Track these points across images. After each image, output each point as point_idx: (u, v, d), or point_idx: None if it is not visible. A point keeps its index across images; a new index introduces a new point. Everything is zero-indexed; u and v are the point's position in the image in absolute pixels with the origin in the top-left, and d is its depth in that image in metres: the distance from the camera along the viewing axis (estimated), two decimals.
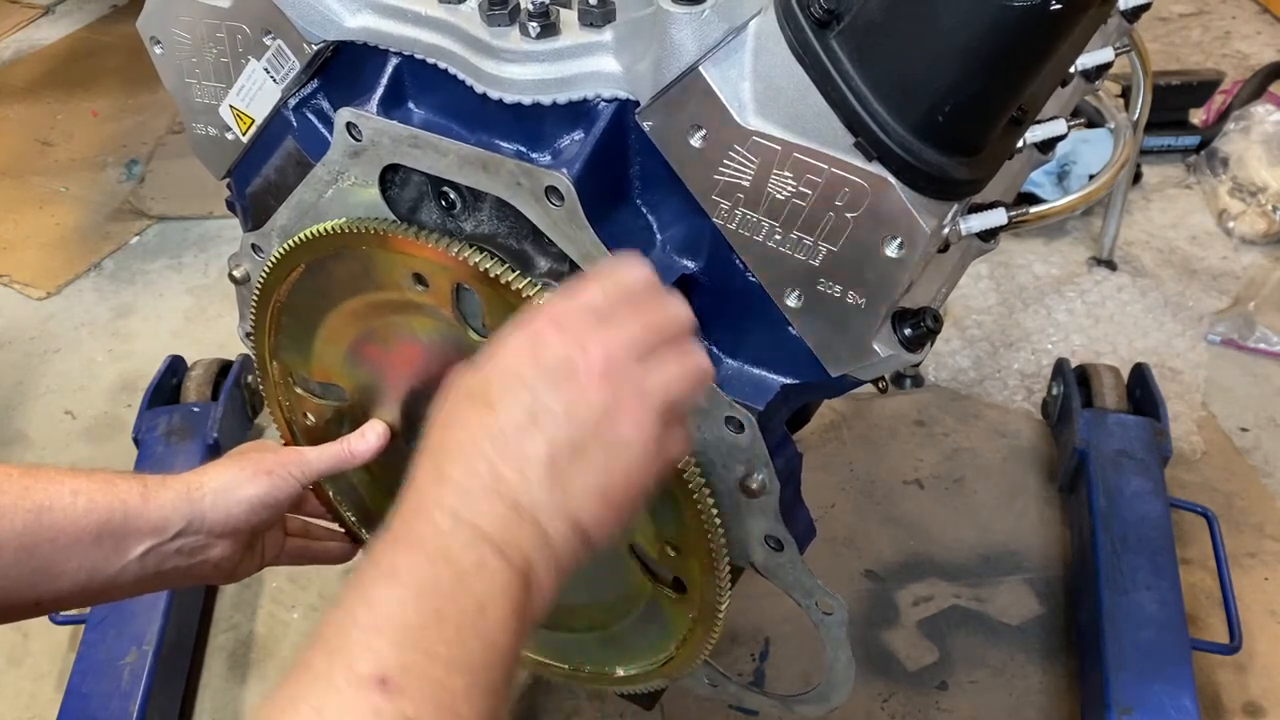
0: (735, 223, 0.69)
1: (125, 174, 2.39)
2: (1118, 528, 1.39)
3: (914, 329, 0.68)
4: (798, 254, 0.67)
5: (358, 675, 0.49)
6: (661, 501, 0.80)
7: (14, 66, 2.81)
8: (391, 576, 0.54)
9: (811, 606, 0.83)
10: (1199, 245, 2.03)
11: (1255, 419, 1.71)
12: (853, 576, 1.51)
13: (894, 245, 0.64)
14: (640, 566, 0.88)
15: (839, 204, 0.64)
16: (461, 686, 0.51)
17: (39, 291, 2.10)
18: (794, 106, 0.63)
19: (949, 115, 0.60)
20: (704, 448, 0.76)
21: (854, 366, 0.70)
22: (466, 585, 0.54)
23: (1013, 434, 1.71)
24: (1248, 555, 1.51)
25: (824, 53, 0.61)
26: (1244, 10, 2.71)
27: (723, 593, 0.83)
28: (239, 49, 0.81)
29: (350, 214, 0.79)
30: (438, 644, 0.52)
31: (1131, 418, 1.54)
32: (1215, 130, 2.15)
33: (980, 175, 0.65)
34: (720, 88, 0.64)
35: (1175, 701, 1.20)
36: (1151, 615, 1.29)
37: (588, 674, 1.03)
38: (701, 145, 0.67)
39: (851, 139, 0.62)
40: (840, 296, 0.67)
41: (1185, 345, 1.83)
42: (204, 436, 1.52)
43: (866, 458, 1.68)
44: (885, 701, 1.36)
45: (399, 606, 0.52)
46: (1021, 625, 1.45)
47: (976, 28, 0.57)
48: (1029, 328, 1.88)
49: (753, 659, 1.41)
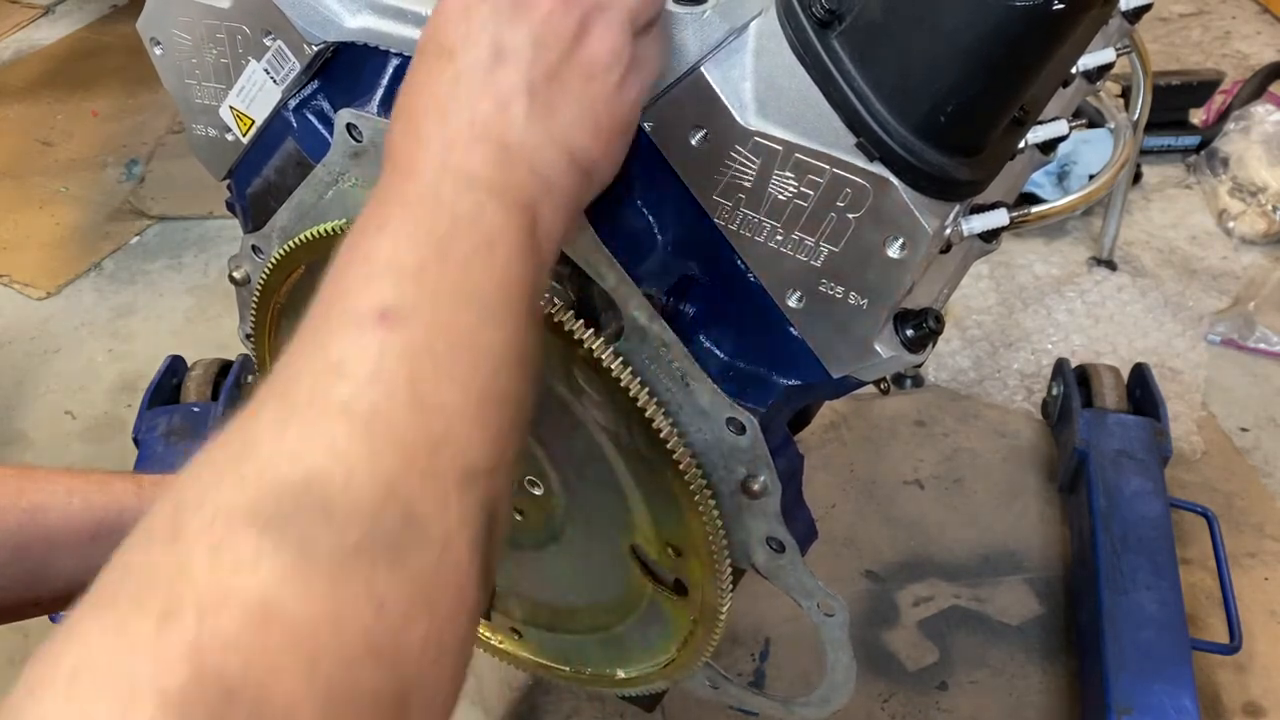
0: (736, 223, 0.69)
1: (125, 174, 2.39)
2: (1118, 528, 1.39)
3: (916, 330, 0.68)
4: (799, 255, 0.67)
5: (356, 314, 0.45)
6: (663, 503, 0.80)
7: (14, 66, 2.81)
8: (381, 229, 0.49)
9: (813, 608, 0.83)
10: (1199, 245, 2.03)
11: (1255, 419, 1.71)
12: (853, 576, 1.51)
13: (896, 246, 0.64)
14: (641, 568, 0.88)
15: (841, 205, 0.64)
16: (474, 320, 0.47)
17: (39, 291, 2.09)
18: (795, 107, 0.63)
19: (951, 116, 0.60)
20: (705, 449, 0.76)
21: (856, 367, 0.70)
22: (466, 227, 0.49)
23: (1013, 434, 1.71)
24: (1248, 555, 1.51)
25: (825, 53, 0.61)
26: (1244, 10, 2.71)
27: (724, 594, 0.83)
28: (239, 50, 0.81)
29: (351, 215, 0.79)
30: (441, 280, 0.47)
31: (1131, 418, 1.54)
32: (1215, 130, 2.15)
33: (982, 176, 0.65)
34: (721, 88, 0.64)
35: (1175, 702, 1.20)
36: (1151, 615, 1.29)
37: (588, 676, 1.03)
38: (702, 146, 0.67)
39: (853, 139, 0.62)
40: (842, 297, 0.67)
41: (1185, 345, 1.83)
42: (204, 437, 1.51)
43: (867, 458, 1.68)
44: (885, 701, 1.36)
45: (393, 251, 0.47)
46: (1021, 625, 1.45)
47: (979, 28, 0.57)
48: (1029, 328, 1.88)
49: (753, 659, 1.41)
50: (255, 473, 0.40)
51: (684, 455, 0.74)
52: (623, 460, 0.79)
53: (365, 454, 0.41)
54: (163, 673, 0.34)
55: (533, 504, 0.89)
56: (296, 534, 0.38)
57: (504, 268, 0.49)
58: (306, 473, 0.40)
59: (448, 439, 0.44)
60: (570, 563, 0.93)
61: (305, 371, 0.44)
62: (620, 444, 0.78)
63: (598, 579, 0.93)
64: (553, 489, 0.87)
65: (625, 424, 0.76)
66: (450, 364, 0.45)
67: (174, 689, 0.33)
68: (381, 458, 0.41)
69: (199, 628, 0.35)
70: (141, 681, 0.33)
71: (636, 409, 0.72)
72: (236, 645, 0.35)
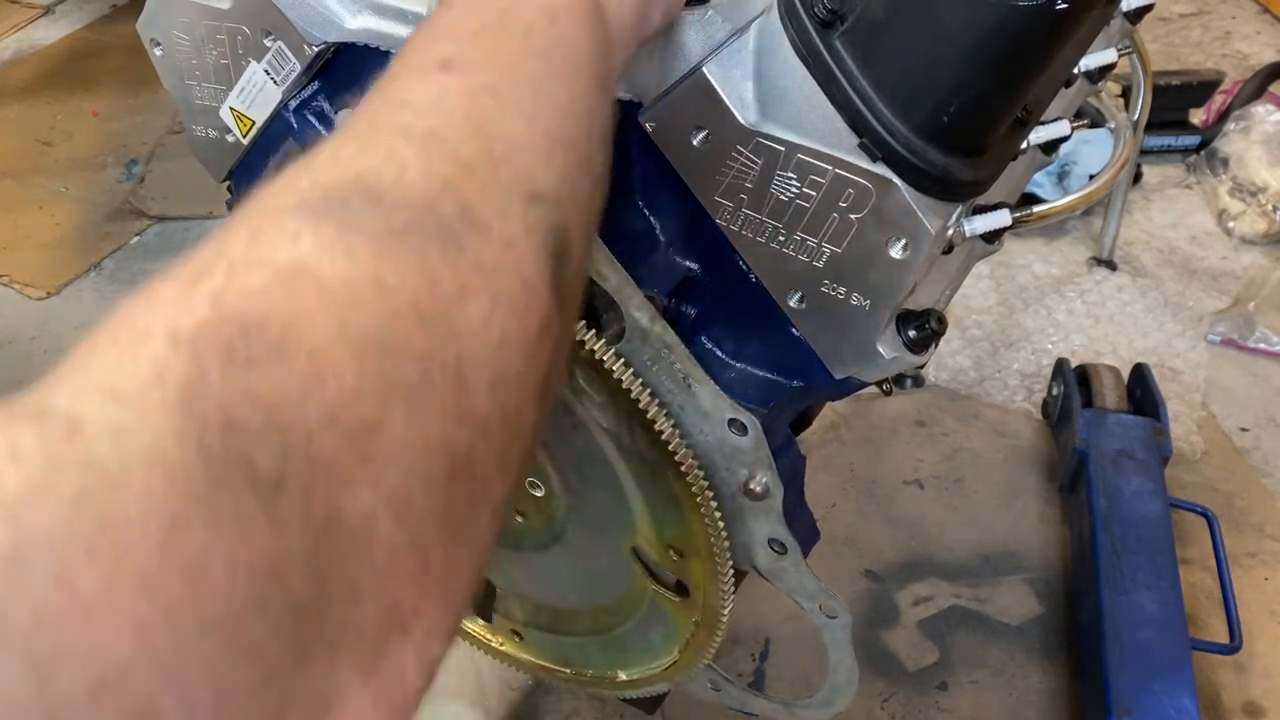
0: (738, 224, 0.68)
1: (125, 174, 2.39)
2: (1118, 528, 1.39)
3: (918, 331, 0.68)
4: (801, 255, 0.67)
5: (418, 66, 0.43)
6: (664, 504, 0.79)
7: (14, 66, 2.81)
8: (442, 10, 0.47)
9: (815, 610, 0.82)
10: (1199, 245, 2.03)
11: (1255, 419, 1.71)
12: (853, 576, 1.51)
13: (898, 247, 0.63)
14: (642, 570, 0.88)
15: (843, 205, 0.64)
16: (538, 69, 0.45)
17: (39, 291, 2.09)
18: (797, 107, 0.63)
19: (954, 116, 0.60)
20: (707, 450, 0.75)
21: (858, 368, 0.70)
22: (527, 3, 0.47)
23: (1013, 434, 1.71)
24: (1248, 555, 1.51)
25: (828, 53, 0.61)
26: (1244, 10, 2.71)
27: (726, 596, 0.83)
28: (239, 51, 0.81)
29: None
30: (502, 39, 0.45)
31: (1131, 418, 1.54)
32: (1215, 130, 2.15)
33: (985, 176, 0.65)
34: (723, 88, 0.64)
35: (1175, 701, 1.21)
36: (1151, 615, 1.29)
37: (590, 678, 1.03)
38: (704, 146, 0.66)
39: (855, 140, 0.62)
40: (844, 298, 0.67)
41: (1185, 345, 1.83)
42: None
43: (867, 458, 1.68)
44: (885, 701, 1.36)
45: (453, 20, 0.46)
46: (1021, 625, 1.45)
47: (981, 28, 0.57)
48: (1029, 328, 1.88)
49: (753, 659, 1.41)
50: (308, 180, 0.38)
51: (686, 456, 0.74)
52: (624, 461, 0.79)
53: (420, 159, 0.39)
54: (179, 315, 0.31)
55: (534, 505, 0.89)
56: (341, 214, 0.36)
57: (569, 37, 0.48)
58: (358, 172, 0.38)
59: (509, 161, 0.41)
60: (572, 564, 0.93)
61: (365, 111, 0.43)
62: (621, 445, 0.78)
63: (599, 581, 0.93)
64: (554, 490, 0.87)
65: (627, 425, 0.76)
66: (514, 102, 0.43)
67: (188, 327, 0.31)
68: (438, 163, 0.39)
69: (227, 282, 0.33)
70: (156, 324, 0.31)
71: (638, 410, 0.72)
72: (264, 293, 0.32)
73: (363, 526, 0.32)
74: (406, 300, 0.35)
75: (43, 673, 0.25)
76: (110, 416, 0.29)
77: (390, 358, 0.34)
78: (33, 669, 0.25)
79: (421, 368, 0.34)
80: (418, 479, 0.33)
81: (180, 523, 0.28)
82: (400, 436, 0.33)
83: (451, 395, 0.35)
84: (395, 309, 0.34)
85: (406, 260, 0.36)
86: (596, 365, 0.71)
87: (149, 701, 0.26)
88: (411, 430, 0.33)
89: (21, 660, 0.25)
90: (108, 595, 0.26)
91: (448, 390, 0.35)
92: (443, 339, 0.35)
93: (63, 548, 0.26)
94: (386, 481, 0.32)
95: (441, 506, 0.34)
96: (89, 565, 0.26)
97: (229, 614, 0.28)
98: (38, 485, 0.27)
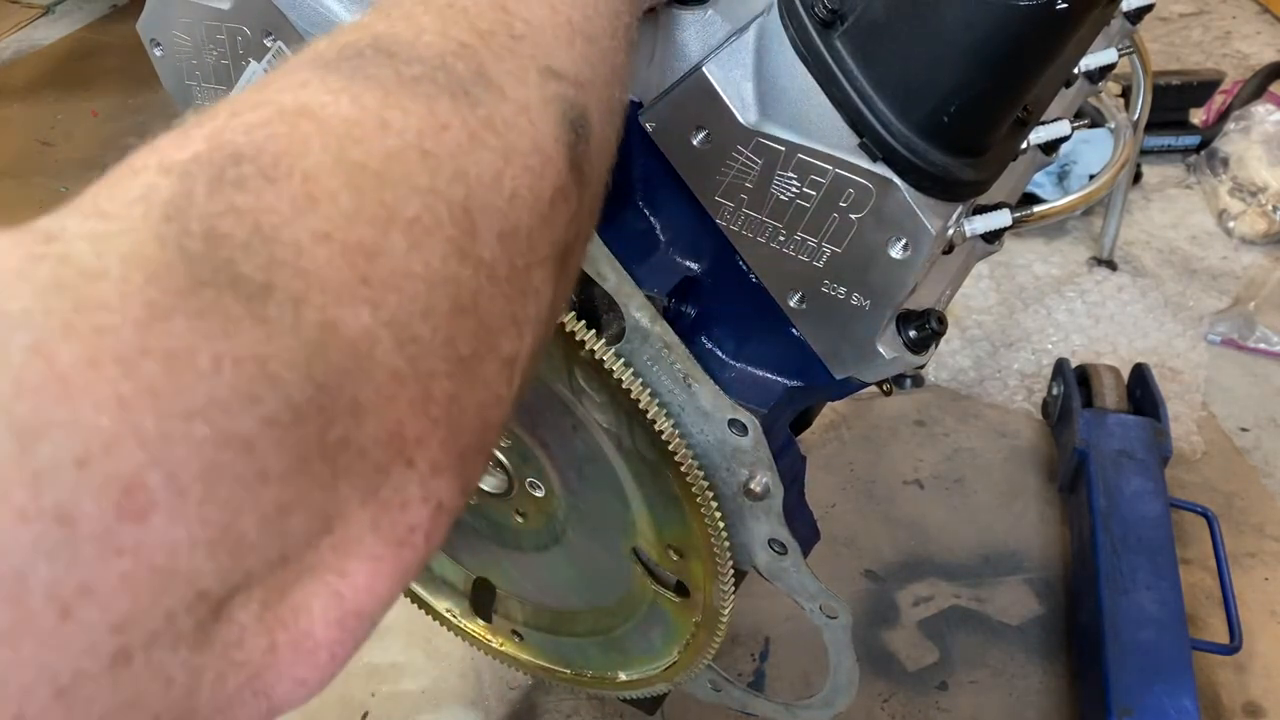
0: (738, 224, 0.68)
1: None
2: (1118, 528, 1.39)
3: (919, 331, 0.68)
4: (801, 255, 0.67)
5: None
6: (664, 504, 0.79)
7: (14, 66, 2.80)
8: None
9: (815, 610, 0.82)
10: (1199, 245, 2.03)
11: (1255, 419, 1.71)
12: (853, 576, 1.51)
13: (898, 247, 0.63)
14: (643, 570, 0.88)
15: (843, 205, 0.64)
16: None
17: None
18: (798, 107, 0.63)
19: (954, 116, 0.60)
20: (707, 450, 0.75)
21: (858, 369, 0.70)
22: None
23: (1013, 434, 1.71)
24: (1248, 555, 1.51)
25: (828, 53, 0.61)
26: (1244, 10, 2.71)
27: (726, 596, 0.83)
28: (239, 51, 0.81)
29: None
30: None
31: (1131, 418, 1.54)
32: (1215, 130, 2.15)
33: (985, 176, 0.65)
34: (723, 88, 0.64)
35: (1175, 702, 1.20)
36: (1151, 615, 1.29)
37: (590, 678, 1.03)
38: (704, 146, 0.66)
39: (856, 140, 0.62)
40: (844, 298, 0.67)
41: (1185, 345, 1.83)
42: None
43: (867, 458, 1.68)
44: (885, 701, 1.36)
45: None
46: (1021, 625, 1.45)
47: (981, 28, 0.57)
48: (1029, 328, 1.88)
49: (753, 659, 1.41)
50: (326, 41, 0.38)
51: (686, 456, 0.74)
52: (624, 462, 0.79)
53: (438, 24, 0.39)
54: (174, 150, 0.31)
55: (535, 506, 0.89)
56: (353, 64, 0.36)
57: None
58: (375, 33, 0.38)
59: (529, 38, 0.41)
60: (572, 565, 0.93)
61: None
62: (622, 445, 0.78)
63: (599, 581, 0.93)
64: (554, 490, 0.87)
65: (627, 425, 0.76)
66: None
67: (181, 158, 0.31)
68: (456, 29, 0.39)
69: (226, 121, 0.32)
70: (151, 160, 0.31)
71: (638, 410, 0.72)
72: (262, 127, 0.32)
73: (362, 342, 0.31)
74: (411, 140, 0.35)
75: (25, 439, 0.25)
76: (90, 226, 0.29)
77: (390, 189, 0.33)
78: (15, 434, 0.24)
79: (424, 202, 0.34)
80: (419, 307, 0.33)
81: (160, 313, 0.27)
82: (400, 263, 0.33)
83: (457, 234, 0.35)
84: (398, 146, 0.34)
85: (414, 106, 0.35)
86: (597, 365, 0.71)
87: (136, 477, 0.26)
88: (413, 259, 0.33)
89: (3, 425, 0.24)
90: (87, 370, 0.26)
91: (454, 229, 0.35)
92: (448, 179, 0.35)
93: (39, 325, 0.26)
94: (387, 305, 0.32)
95: (445, 340, 0.34)
96: (66, 340, 0.26)
97: (215, 401, 0.28)
98: (12, 273, 0.26)
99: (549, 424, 0.81)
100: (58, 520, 0.25)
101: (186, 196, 0.30)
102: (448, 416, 0.35)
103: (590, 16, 0.45)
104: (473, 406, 0.36)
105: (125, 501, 0.26)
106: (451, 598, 1.09)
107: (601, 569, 0.91)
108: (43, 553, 0.25)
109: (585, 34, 0.44)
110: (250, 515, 0.29)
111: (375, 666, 1.42)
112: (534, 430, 0.83)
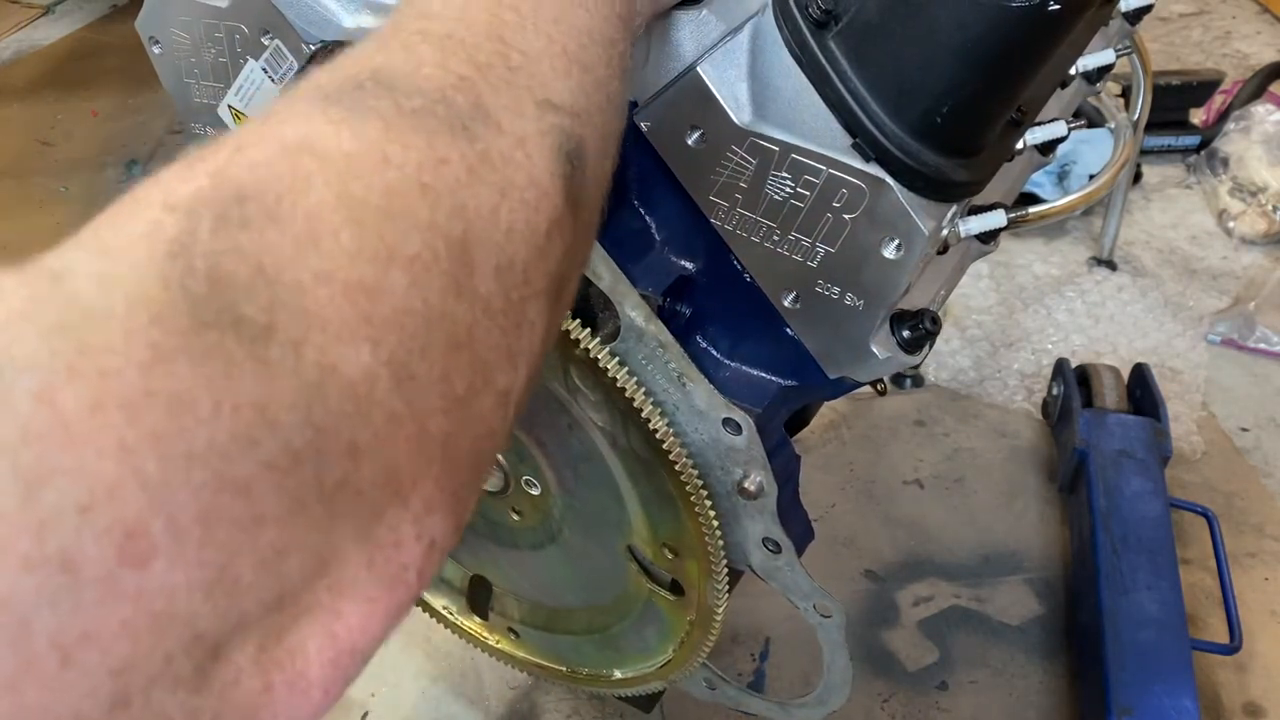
0: (733, 224, 0.69)
1: (125, 174, 2.39)
2: (1118, 528, 1.39)
3: (912, 331, 0.68)
4: (795, 255, 0.67)
5: None
6: (659, 503, 0.80)
7: (14, 66, 2.81)
8: None
9: (809, 610, 0.83)
10: (1199, 245, 2.03)
11: (1255, 419, 1.71)
12: (853, 576, 1.51)
13: (892, 247, 0.64)
14: (638, 568, 0.88)
15: (837, 205, 0.64)
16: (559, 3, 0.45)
17: None
18: (791, 107, 0.63)
19: (947, 116, 0.60)
20: (701, 449, 0.75)
21: (852, 368, 0.70)
22: None
23: (1013, 434, 1.71)
24: (1248, 555, 1.51)
25: (821, 53, 0.61)
26: (1244, 10, 2.70)
27: (720, 595, 0.83)
28: (237, 49, 0.81)
29: None
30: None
31: (1132, 418, 1.54)
32: (1215, 130, 2.15)
33: (979, 177, 0.65)
34: (717, 88, 0.64)
35: (1175, 702, 1.20)
36: (1151, 615, 1.29)
37: (585, 676, 1.03)
38: (699, 146, 0.67)
39: (849, 140, 0.62)
40: (838, 298, 0.67)
41: (1185, 345, 1.83)
42: None
43: (866, 458, 1.68)
44: (885, 701, 1.36)
45: None
46: (1021, 625, 1.45)
47: (974, 29, 0.57)
48: (1029, 328, 1.88)
49: (753, 659, 1.41)
50: (326, 74, 0.38)
51: (680, 455, 0.74)
52: (619, 460, 0.79)
53: (437, 56, 0.40)
54: (178, 186, 0.32)
55: (530, 504, 0.89)
56: (353, 97, 0.36)
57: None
58: (374, 66, 0.38)
59: (525, 69, 0.42)
60: (567, 563, 0.93)
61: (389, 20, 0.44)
62: (617, 444, 0.78)
63: (595, 580, 0.93)
64: (550, 489, 0.87)
65: (622, 424, 0.76)
66: (535, 20, 0.44)
67: (185, 195, 0.31)
68: (454, 61, 0.40)
69: (230, 157, 0.33)
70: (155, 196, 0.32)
71: (633, 409, 0.72)
72: (265, 164, 0.33)
73: (361, 384, 0.32)
74: (411, 174, 0.35)
75: (31, 486, 0.25)
76: (95, 266, 0.29)
77: (391, 225, 0.34)
78: (20, 482, 0.25)
79: (424, 238, 0.34)
80: (418, 345, 0.34)
81: (163, 356, 0.28)
82: (400, 301, 0.33)
83: (454, 269, 0.35)
84: (398, 180, 0.34)
85: (414, 140, 0.36)
86: (591, 364, 0.71)
87: (138, 523, 0.26)
88: (412, 297, 0.33)
89: (8, 472, 0.25)
90: (91, 416, 0.26)
91: (451, 264, 0.35)
92: (447, 214, 0.35)
93: (44, 369, 0.26)
94: (387, 343, 0.32)
95: (440, 377, 0.34)
96: (70, 385, 0.26)
97: (215, 446, 0.28)
98: (17, 315, 0.27)
99: (545, 422, 0.81)
100: (61, 568, 0.25)
101: (191, 234, 0.30)
102: (443, 454, 0.35)
103: (585, 45, 0.46)
104: (467, 442, 0.36)
105: (127, 546, 0.26)
106: (448, 595, 1.09)
107: (597, 567, 0.91)
108: (46, 600, 0.25)
109: (581, 63, 0.45)
110: (247, 558, 0.29)
111: (375, 666, 1.41)
112: (530, 429, 0.83)
